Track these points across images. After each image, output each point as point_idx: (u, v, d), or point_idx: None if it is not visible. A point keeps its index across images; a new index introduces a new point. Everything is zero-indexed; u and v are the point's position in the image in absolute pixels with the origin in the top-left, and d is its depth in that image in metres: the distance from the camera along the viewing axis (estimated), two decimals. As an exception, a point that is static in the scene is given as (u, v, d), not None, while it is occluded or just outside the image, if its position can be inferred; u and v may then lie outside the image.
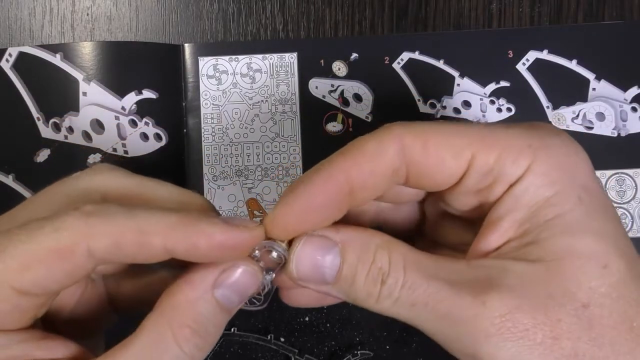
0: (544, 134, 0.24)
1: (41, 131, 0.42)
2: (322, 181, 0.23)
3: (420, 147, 0.23)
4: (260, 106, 0.43)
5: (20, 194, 0.42)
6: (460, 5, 0.44)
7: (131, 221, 0.22)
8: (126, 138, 0.42)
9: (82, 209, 0.23)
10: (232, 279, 0.24)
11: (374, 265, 0.24)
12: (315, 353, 0.43)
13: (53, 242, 0.22)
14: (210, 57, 0.43)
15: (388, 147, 0.23)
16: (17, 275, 0.22)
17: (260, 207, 0.43)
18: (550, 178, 0.23)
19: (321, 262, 0.24)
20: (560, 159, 0.23)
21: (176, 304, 0.23)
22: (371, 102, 0.43)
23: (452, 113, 0.43)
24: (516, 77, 0.43)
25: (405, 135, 0.23)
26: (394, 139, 0.23)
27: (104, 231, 0.22)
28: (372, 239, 0.24)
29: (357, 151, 0.24)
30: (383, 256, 0.24)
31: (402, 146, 0.23)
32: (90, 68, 0.42)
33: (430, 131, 0.24)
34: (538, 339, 0.21)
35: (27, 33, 0.44)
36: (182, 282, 0.24)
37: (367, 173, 0.23)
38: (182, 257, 0.23)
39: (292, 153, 0.43)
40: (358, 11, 0.44)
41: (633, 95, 0.43)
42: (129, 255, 0.23)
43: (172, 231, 0.23)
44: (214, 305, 0.24)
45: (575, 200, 0.23)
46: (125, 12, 0.44)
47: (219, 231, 0.23)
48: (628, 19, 0.44)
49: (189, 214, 0.23)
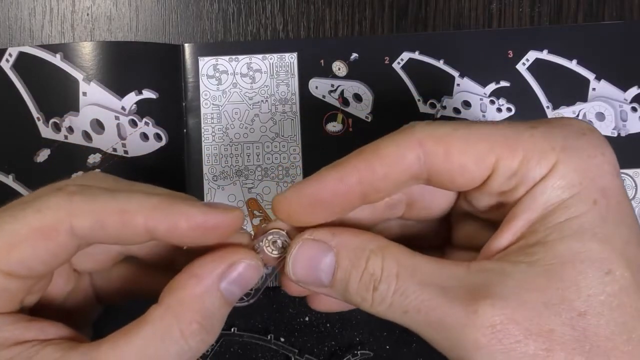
0: (569, 134, 0.23)
1: (41, 131, 0.42)
2: (333, 180, 0.23)
3: (442, 154, 0.23)
4: (260, 106, 0.43)
5: (20, 194, 0.42)
6: (460, 5, 0.44)
7: (114, 201, 0.23)
8: (126, 138, 0.42)
9: (65, 189, 0.23)
10: (237, 272, 0.24)
11: (366, 271, 0.23)
12: (315, 353, 0.43)
13: (37, 221, 0.22)
14: (210, 57, 0.43)
15: (407, 153, 0.23)
16: (3, 257, 0.22)
17: (260, 207, 0.43)
18: (569, 180, 0.22)
19: (317, 265, 0.24)
20: (582, 161, 0.23)
21: (183, 298, 0.23)
22: (371, 102, 0.43)
23: (452, 113, 0.43)
24: (516, 77, 0.43)
25: (427, 140, 0.23)
26: (414, 145, 0.23)
27: (87, 209, 0.22)
28: (366, 244, 0.24)
29: (373, 154, 0.23)
30: (376, 262, 0.23)
31: (422, 152, 0.23)
32: (90, 68, 0.42)
33: (453, 136, 0.23)
34: (530, 350, 0.21)
35: (27, 33, 0.44)
36: (188, 276, 0.24)
37: (381, 177, 0.23)
38: (162, 238, 0.23)
39: (292, 153, 0.43)
40: (358, 11, 0.44)
41: (633, 95, 0.43)
42: (111, 235, 0.23)
43: (153, 210, 0.23)
44: (220, 299, 0.24)
45: (590, 204, 0.22)
46: (125, 12, 0.44)
47: (199, 212, 0.23)
48: (628, 19, 0.44)
49: (170, 196, 0.24)
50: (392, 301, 0.23)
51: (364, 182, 0.23)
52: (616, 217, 0.22)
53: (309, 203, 0.24)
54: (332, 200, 0.24)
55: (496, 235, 0.24)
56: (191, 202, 0.24)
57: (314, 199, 0.24)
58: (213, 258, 0.24)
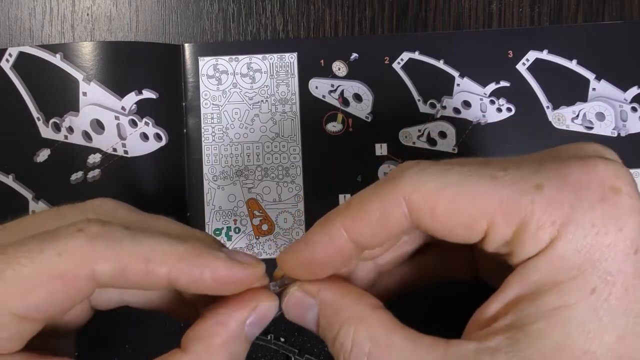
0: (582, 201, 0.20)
1: (41, 131, 0.42)
2: (322, 242, 0.23)
3: (428, 215, 0.22)
4: (260, 106, 0.43)
5: (20, 194, 0.42)
6: (460, 5, 0.44)
7: (138, 248, 0.22)
8: (126, 138, 0.42)
9: (86, 231, 0.22)
10: (259, 315, 0.25)
11: (337, 339, 0.23)
12: (315, 353, 0.43)
13: (56, 266, 0.21)
14: (210, 57, 0.43)
15: (391, 211, 0.22)
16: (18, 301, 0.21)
17: (260, 207, 0.43)
18: (567, 262, 0.20)
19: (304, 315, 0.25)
20: (586, 241, 0.20)
21: (211, 346, 0.23)
22: (371, 102, 0.43)
23: (452, 113, 0.43)
24: (516, 77, 0.43)
25: (412, 197, 0.22)
26: (398, 201, 0.22)
27: (110, 256, 0.22)
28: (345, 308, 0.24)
29: (358, 211, 0.23)
30: (347, 333, 0.23)
31: (408, 210, 0.22)
32: (90, 68, 0.42)
33: (441, 195, 0.21)
34: None
35: (27, 33, 0.44)
36: (214, 323, 0.24)
37: (370, 236, 0.23)
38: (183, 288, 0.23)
39: (292, 153, 0.43)
40: (358, 11, 0.44)
41: (633, 95, 0.43)
42: (132, 282, 0.22)
43: (179, 262, 0.22)
44: (245, 342, 0.25)
45: (587, 293, 0.20)
46: (125, 12, 0.44)
47: (224, 267, 0.23)
48: (628, 19, 0.44)
49: (195, 246, 0.23)
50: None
51: (354, 240, 0.23)
52: (616, 307, 0.20)
53: (304, 265, 0.24)
54: (327, 260, 0.24)
55: (487, 303, 0.22)
56: (216, 253, 0.23)
57: (309, 262, 0.24)
58: (237, 303, 0.24)
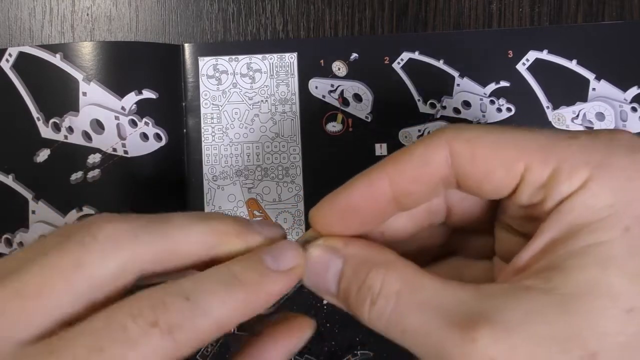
0: (614, 149, 0.21)
1: (41, 131, 0.42)
2: (362, 185, 0.23)
3: (469, 157, 0.22)
4: (260, 106, 0.43)
5: (20, 194, 0.42)
6: (460, 5, 0.44)
7: None
8: (126, 138, 0.42)
9: None
10: None
11: (364, 284, 0.23)
12: (315, 353, 0.43)
13: None
14: (210, 57, 0.43)
15: (435, 155, 0.22)
16: None
17: (260, 207, 0.43)
18: (601, 200, 0.20)
19: (325, 272, 0.24)
20: (618, 182, 0.20)
21: None
22: (371, 102, 0.43)
23: (452, 113, 0.43)
24: (516, 77, 0.43)
25: (454, 142, 0.22)
26: (442, 146, 0.22)
27: None
28: (373, 256, 0.23)
29: (403, 157, 0.23)
30: (376, 276, 0.23)
31: (450, 153, 0.22)
32: (90, 68, 0.42)
33: (482, 139, 0.22)
34: None
35: (27, 33, 0.44)
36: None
37: (411, 180, 0.22)
38: None
39: (292, 153, 0.43)
40: (358, 11, 0.44)
41: (633, 95, 0.43)
42: None
43: None
44: None
45: (621, 230, 0.20)
46: (125, 12, 0.44)
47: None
48: (628, 19, 0.44)
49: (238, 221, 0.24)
50: (390, 319, 0.22)
51: (393, 184, 0.23)
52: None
53: (341, 212, 0.23)
54: (364, 207, 0.23)
55: (519, 254, 0.22)
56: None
57: (346, 207, 0.23)
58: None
